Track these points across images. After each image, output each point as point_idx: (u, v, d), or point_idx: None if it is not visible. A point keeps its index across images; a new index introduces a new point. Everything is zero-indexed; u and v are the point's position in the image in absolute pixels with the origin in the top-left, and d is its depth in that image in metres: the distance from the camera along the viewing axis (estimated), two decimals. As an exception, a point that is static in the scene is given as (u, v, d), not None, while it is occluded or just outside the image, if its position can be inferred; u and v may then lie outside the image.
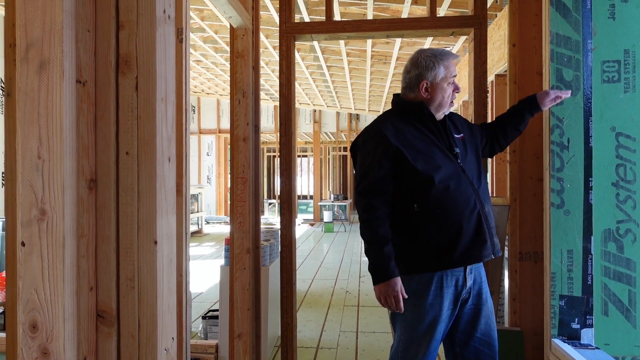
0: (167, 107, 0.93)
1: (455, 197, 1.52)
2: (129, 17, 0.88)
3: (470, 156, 1.63)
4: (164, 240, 0.93)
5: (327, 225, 9.78)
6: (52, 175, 0.81)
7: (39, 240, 0.81)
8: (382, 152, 1.54)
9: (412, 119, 1.60)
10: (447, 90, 1.58)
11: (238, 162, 2.28)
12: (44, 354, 0.81)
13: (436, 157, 1.55)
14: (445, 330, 1.58)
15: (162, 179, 0.91)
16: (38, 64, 0.81)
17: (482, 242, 1.53)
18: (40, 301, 0.81)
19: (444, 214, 1.50)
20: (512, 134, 1.81)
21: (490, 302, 1.64)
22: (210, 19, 5.53)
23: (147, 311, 0.89)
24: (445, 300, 1.53)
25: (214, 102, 11.79)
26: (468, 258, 1.52)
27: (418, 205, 1.51)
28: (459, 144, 1.63)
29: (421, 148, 1.55)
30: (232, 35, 2.30)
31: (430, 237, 1.51)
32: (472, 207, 1.53)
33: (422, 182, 1.51)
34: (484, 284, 1.63)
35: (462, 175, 1.55)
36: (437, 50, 1.59)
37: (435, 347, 1.56)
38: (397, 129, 1.59)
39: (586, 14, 1.81)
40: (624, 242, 1.80)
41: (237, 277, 2.27)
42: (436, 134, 1.59)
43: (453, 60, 1.59)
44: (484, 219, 1.55)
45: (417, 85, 1.58)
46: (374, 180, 1.53)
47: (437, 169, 1.53)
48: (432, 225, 1.51)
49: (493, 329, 1.61)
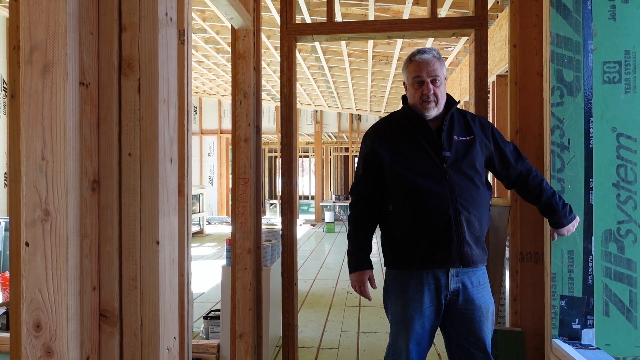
0: (169, 109, 0.94)
1: (425, 200, 1.53)
2: (132, 19, 0.89)
3: (468, 160, 1.58)
4: (166, 240, 0.93)
5: (328, 225, 9.79)
6: (55, 177, 0.81)
7: (43, 240, 0.82)
8: (365, 154, 1.68)
9: (407, 121, 1.65)
10: (412, 92, 1.62)
11: (240, 163, 2.29)
12: (48, 352, 0.82)
13: (417, 160, 1.57)
14: (432, 326, 1.60)
15: (164, 179, 0.92)
16: (42, 67, 0.81)
17: (444, 248, 1.52)
18: (44, 301, 0.82)
19: (410, 216, 1.55)
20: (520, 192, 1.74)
21: (485, 308, 1.59)
22: (211, 19, 5.55)
23: (149, 311, 0.90)
24: (426, 297, 1.56)
25: (216, 102, 11.81)
26: (427, 262, 1.54)
27: (392, 205, 1.60)
28: (456, 147, 1.59)
29: (405, 150, 1.60)
30: (233, 37, 2.30)
31: (398, 237, 1.59)
32: (443, 213, 1.51)
33: (395, 182, 1.59)
34: (476, 289, 1.58)
35: (442, 180, 1.54)
36: (412, 52, 1.63)
37: (420, 341, 1.59)
38: (387, 130, 1.67)
39: (587, 14, 1.81)
40: (625, 243, 1.80)
41: (239, 278, 2.27)
42: (425, 136, 1.60)
43: (418, 62, 1.58)
44: (454, 226, 1.51)
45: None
46: (356, 180, 1.71)
47: (413, 171, 1.56)
48: (401, 225, 1.58)
49: (487, 335, 1.61)
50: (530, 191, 1.70)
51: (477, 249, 1.56)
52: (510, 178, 1.72)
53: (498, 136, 1.71)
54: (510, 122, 2.18)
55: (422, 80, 1.58)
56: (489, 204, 1.65)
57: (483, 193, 1.60)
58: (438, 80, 1.59)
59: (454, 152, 1.58)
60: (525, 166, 1.71)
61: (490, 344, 1.62)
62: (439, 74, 1.58)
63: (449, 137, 1.60)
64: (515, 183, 1.73)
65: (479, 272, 1.61)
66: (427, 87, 1.57)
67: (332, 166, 14.82)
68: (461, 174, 1.56)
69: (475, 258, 1.56)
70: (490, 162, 1.69)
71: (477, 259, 1.57)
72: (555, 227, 1.74)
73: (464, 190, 1.55)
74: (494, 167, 1.71)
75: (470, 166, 1.58)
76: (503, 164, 1.70)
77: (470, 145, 1.61)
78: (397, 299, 1.61)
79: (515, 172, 1.70)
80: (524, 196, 1.75)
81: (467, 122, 1.66)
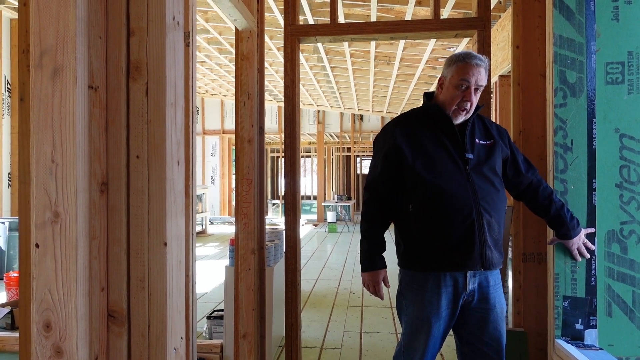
0: (176, 112, 0.95)
1: (447, 202, 1.51)
2: (140, 24, 0.90)
3: (489, 164, 1.58)
4: (174, 241, 0.95)
5: (330, 225, 9.80)
6: (65, 179, 0.83)
7: (53, 241, 0.83)
8: (386, 150, 1.61)
9: (431, 120, 1.62)
10: (452, 93, 1.55)
11: (243, 164, 2.30)
12: (58, 352, 0.83)
13: (439, 160, 1.55)
14: (446, 329, 1.60)
15: (171, 182, 0.93)
16: (52, 71, 0.83)
17: (466, 252, 1.52)
18: (54, 301, 0.83)
19: (431, 218, 1.54)
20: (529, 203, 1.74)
21: (500, 308, 1.61)
22: (214, 20, 5.56)
23: (157, 311, 0.91)
24: (443, 299, 1.55)
25: (218, 102, 11.84)
26: (446, 265, 1.54)
27: (412, 205, 1.57)
28: (478, 150, 1.58)
29: (428, 150, 1.56)
30: (237, 38, 2.31)
31: (418, 238, 1.57)
32: (466, 216, 1.51)
33: (417, 182, 1.55)
34: (492, 289, 1.59)
35: (465, 182, 1.53)
36: (464, 52, 1.57)
37: (435, 343, 1.59)
38: (410, 126, 1.62)
39: (589, 16, 1.82)
40: (628, 244, 1.80)
41: (242, 278, 2.29)
42: (449, 137, 1.58)
43: (470, 66, 1.52)
44: (477, 230, 1.51)
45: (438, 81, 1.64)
46: (373, 177, 1.66)
47: (435, 171, 1.53)
48: (420, 226, 1.56)
49: (502, 335, 1.61)
50: (539, 202, 1.69)
51: (496, 252, 1.57)
52: (519, 188, 1.71)
53: (512, 144, 1.72)
54: (513, 122, 2.18)
55: (468, 86, 1.53)
56: (505, 207, 1.64)
57: (502, 196, 1.60)
58: (479, 91, 1.57)
59: (476, 155, 1.57)
60: (535, 177, 1.71)
61: (504, 346, 1.62)
62: (483, 84, 1.56)
63: (472, 139, 1.59)
64: (524, 193, 1.72)
65: (494, 272, 1.62)
66: (469, 95, 1.54)
67: (334, 166, 14.83)
68: (483, 177, 1.56)
69: (495, 261, 1.56)
70: (503, 169, 1.68)
71: (497, 262, 1.57)
72: (562, 239, 1.73)
73: (486, 194, 1.54)
74: (505, 174, 1.70)
75: (491, 169, 1.58)
76: (515, 172, 1.70)
77: (491, 148, 1.61)
78: (414, 301, 1.60)
79: (526, 181, 1.70)
80: (532, 207, 1.73)
81: (485, 127, 1.66)
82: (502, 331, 1.61)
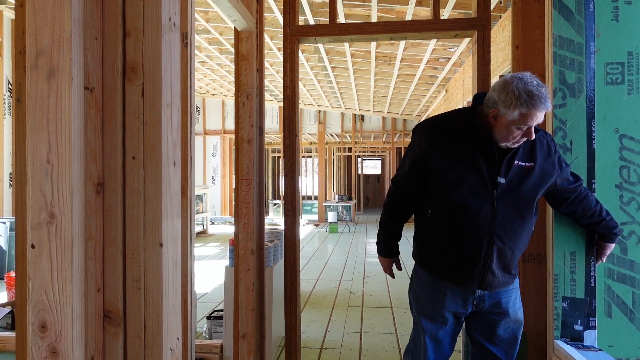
0: (172, 113, 0.95)
1: (461, 223, 1.49)
2: (136, 25, 0.90)
3: (519, 190, 1.48)
4: (169, 242, 0.95)
5: (331, 225, 9.80)
6: (61, 180, 0.83)
7: (49, 242, 0.83)
8: (416, 156, 1.58)
9: (474, 137, 1.50)
10: (513, 132, 1.42)
11: (242, 164, 2.30)
12: (53, 353, 0.83)
13: (467, 180, 1.47)
14: (454, 328, 1.63)
15: (167, 182, 0.93)
16: (47, 72, 0.83)
17: (464, 272, 1.53)
18: (50, 302, 0.83)
19: (443, 231, 1.55)
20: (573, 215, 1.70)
21: (514, 313, 1.61)
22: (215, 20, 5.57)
23: (152, 312, 0.91)
24: (449, 298, 1.59)
25: (219, 103, 11.85)
26: (447, 277, 1.58)
27: (431, 212, 1.59)
28: (513, 173, 1.48)
29: (458, 167, 1.48)
30: (236, 38, 2.32)
31: (428, 243, 1.63)
32: (477, 239, 1.49)
33: (439, 195, 1.54)
34: (504, 294, 1.59)
35: (487, 207, 1.47)
36: (528, 90, 1.35)
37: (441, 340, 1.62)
38: (446, 135, 1.52)
39: (589, 16, 1.81)
40: (628, 244, 1.80)
41: (242, 278, 2.29)
42: (486, 158, 1.48)
43: (536, 111, 1.36)
44: (483, 255, 1.49)
45: (489, 108, 1.46)
46: (400, 175, 1.69)
47: (459, 191, 1.47)
48: (432, 233, 1.60)
49: (514, 339, 1.62)
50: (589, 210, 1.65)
51: (502, 275, 1.54)
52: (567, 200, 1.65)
53: (562, 160, 1.61)
54: (513, 123, 2.17)
55: (530, 126, 1.41)
56: (531, 230, 1.58)
57: (527, 224, 1.53)
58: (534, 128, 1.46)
59: (508, 180, 1.48)
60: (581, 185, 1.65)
61: (516, 351, 1.62)
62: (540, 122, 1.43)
63: (510, 161, 1.48)
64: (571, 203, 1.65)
65: None
66: (530, 133, 1.42)
67: (335, 166, 14.83)
68: (509, 203, 1.49)
69: (497, 283, 1.54)
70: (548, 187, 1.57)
71: (499, 284, 1.55)
72: (610, 242, 1.71)
73: (506, 222, 1.48)
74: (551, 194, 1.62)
75: (521, 196, 1.49)
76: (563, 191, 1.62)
77: (528, 173, 1.49)
78: (420, 296, 1.66)
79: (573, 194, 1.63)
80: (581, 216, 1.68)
81: (533, 145, 1.52)
82: (514, 335, 1.62)
